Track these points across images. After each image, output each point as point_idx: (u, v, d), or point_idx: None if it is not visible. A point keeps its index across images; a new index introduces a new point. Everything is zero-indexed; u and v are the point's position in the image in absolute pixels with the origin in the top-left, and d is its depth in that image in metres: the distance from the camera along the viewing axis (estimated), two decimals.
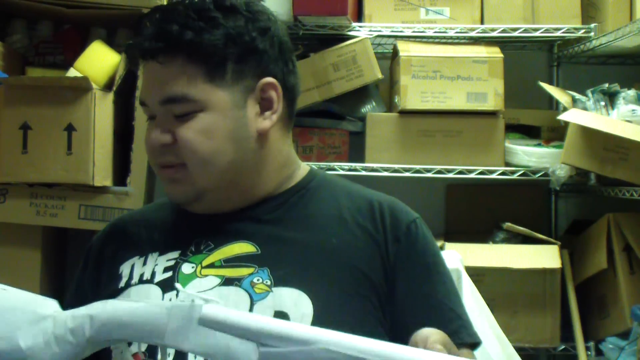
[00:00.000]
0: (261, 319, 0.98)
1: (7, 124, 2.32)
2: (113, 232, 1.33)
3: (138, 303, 1.00)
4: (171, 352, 1.15)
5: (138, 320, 1.00)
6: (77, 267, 1.34)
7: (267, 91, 1.22)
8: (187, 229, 1.26)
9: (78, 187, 2.34)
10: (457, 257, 1.82)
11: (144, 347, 1.16)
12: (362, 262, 1.20)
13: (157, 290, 1.18)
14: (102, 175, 2.36)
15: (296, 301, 1.16)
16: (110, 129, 2.39)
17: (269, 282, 1.16)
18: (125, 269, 1.24)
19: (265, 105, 1.22)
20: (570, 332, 2.47)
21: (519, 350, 2.05)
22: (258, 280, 1.16)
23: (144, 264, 1.23)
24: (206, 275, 1.18)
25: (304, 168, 1.32)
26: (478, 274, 2.31)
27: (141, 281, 1.21)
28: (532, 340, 2.46)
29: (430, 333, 0.93)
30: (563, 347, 2.49)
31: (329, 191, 1.29)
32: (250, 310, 1.16)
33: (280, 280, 1.16)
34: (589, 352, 2.44)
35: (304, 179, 1.30)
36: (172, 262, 1.21)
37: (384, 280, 1.19)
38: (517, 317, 2.44)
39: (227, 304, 1.17)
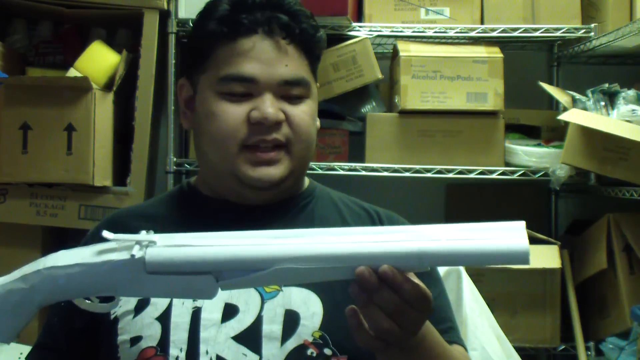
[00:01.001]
0: (208, 250, 0.95)
1: (7, 124, 2.32)
2: (111, 225, 1.29)
3: (74, 268, 0.97)
4: (183, 347, 1.15)
5: (81, 284, 0.98)
6: None
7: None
8: (193, 222, 1.25)
9: (78, 187, 2.34)
10: None
11: (155, 342, 1.16)
12: None
13: None
14: (102, 175, 2.36)
15: (306, 300, 1.17)
16: (110, 129, 2.39)
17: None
18: None
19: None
20: (570, 332, 2.47)
21: (519, 350, 2.05)
22: None
23: None
24: None
25: (305, 177, 1.36)
26: (478, 274, 2.30)
27: None
28: (532, 340, 2.46)
29: None
30: (563, 347, 2.49)
31: (328, 200, 1.33)
32: (261, 309, 1.16)
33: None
34: (589, 352, 2.44)
35: (310, 187, 1.34)
36: None
37: None
38: (517, 317, 2.44)
39: (238, 302, 1.17)
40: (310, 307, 1.17)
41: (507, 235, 0.92)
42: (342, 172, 2.52)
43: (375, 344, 0.98)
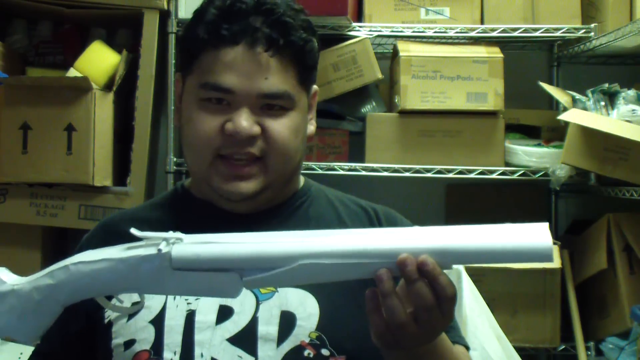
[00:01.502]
0: (235, 249, 0.96)
1: (7, 124, 2.32)
2: (105, 231, 1.31)
3: (101, 263, 0.98)
4: (177, 350, 1.14)
5: (106, 281, 0.98)
6: None
7: (314, 98, 1.29)
8: (182, 225, 1.24)
9: (78, 187, 2.35)
10: None
11: (148, 346, 1.16)
12: None
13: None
14: (102, 175, 2.36)
15: (302, 301, 1.16)
16: (110, 129, 2.39)
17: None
18: None
19: (309, 111, 1.28)
20: (570, 332, 2.47)
21: (519, 350, 2.05)
22: None
23: None
24: None
25: (300, 176, 1.34)
26: (478, 274, 2.30)
27: None
28: (532, 340, 2.46)
29: None
30: (563, 347, 2.49)
31: (324, 199, 1.32)
32: (256, 310, 1.16)
33: None
34: (589, 352, 2.44)
35: (305, 186, 1.33)
36: None
37: None
38: (517, 317, 2.44)
39: (233, 304, 1.16)
40: (306, 308, 1.16)
41: (530, 234, 0.93)
42: (342, 172, 2.52)
43: (385, 337, 0.97)
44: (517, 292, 2.45)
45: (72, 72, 2.37)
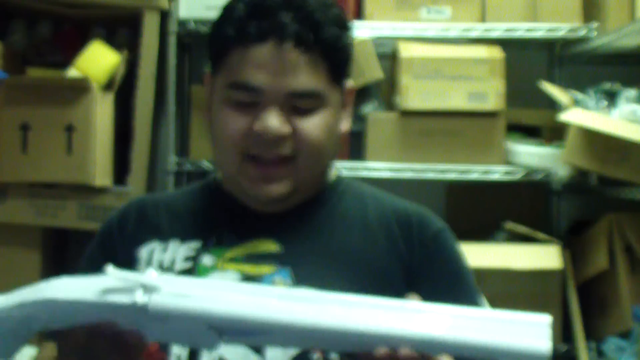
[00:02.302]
0: (214, 307, 0.93)
1: (7, 124, 2.32)
2: (132, 211, 1.28)
3: (75, 304, 0.96)
4: (183, 354, 1.14)
5: (80, 320, 0.97)
6: (89, 245, 1.29)
7: (350, 94, 1.26)
8: (210, 218, 1.24)
9: (78, 187, 2.34)
10: None
11: None
12: (384, 267, 1.19)
13: None
14: (102, 175, 2.36)
15: None
16: (110, 129, 2.39)
17: (289, 282, 1.15)
18: (144, 253, 1.21)
19: (343, 107, 1.25)
20: (572, 333, 2.46)
21: None
22: (279, 279, 1.15)
23: (165, 250, 1.21)
24: (227, 269, 1.17)
25: (333, 171, 1.31)
26: (479, 274, 2.29)
27: (161, 268, 1.18)
28: None
29: None
30: (564, 347, 2.49)
31: (355, 196, 1.28)
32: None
33: (301, 280, 1.15)
34: (590, 353, 2.44)
35: (335, 182, 1.29)
36: (193, 252, 1.20)
37: (405, 286, 1.17)
38: None
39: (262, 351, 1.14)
40: None
41: (529, 333, 0.90)
42: (342, 172, 2.51)
43: None
44: (518, 292, 2.44)
45: (72, 72, 2.37)
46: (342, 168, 2.52)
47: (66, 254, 2.69)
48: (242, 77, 1.15)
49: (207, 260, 1.19)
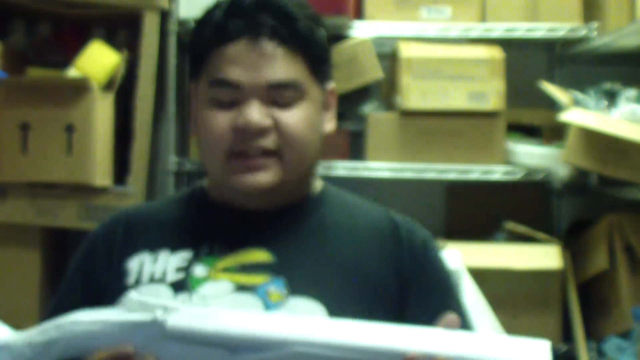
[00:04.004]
0: (229, 327, 0.97)
1: (7, 124, 2.32)
2: (119, 224, 1.28)
3: (94, 325, 1.00)
4: None
5: (99, 342, 1.00)
6: (71, 263, 1.29)
7: (331, 96, 1.27)
8: (199, 227, 1.23)
9: (78, 187, 2.34)
10: (458, 257, 1.82)
11: None
12: (376, 274, 1.19)
13: (167, 291, 1.16)
14: (102, 175, 2.36)
15: (311, 311, 1.14)
16: (110, 129, 2.39)
17: (284, 291, 1.15)
18: (133, 265, 1.21)
19: (326, 108, 1.26)
20: (572, 333, 2.46)
21: None
22: (273, 289, 1.15)
23: (155, 261, 1.20)
24: (220, 279, 1.16)
25: (318, 180, 1.31)
26: (479, 274, 2.30)
27: (152, 280, 1.18)
28: None
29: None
30: (564, 347, 2.49)
31: (343, 205, 1.29)
32: None
33: (295, 289, 1.15)
34: (590, 353, 2.44)
35: (323, 191, 1.29)
36: (184, 263, 1.19)
37: (397, 294, 1.18)
38: (518, 317, 2.44)
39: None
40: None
41: (529, 350, 0.94)
42: (342, 172, 2.52)
43: None
44: (519, 293, 2.44)
45: (72, 72, 2.36)
46: (342, 168, 2.52)
47: (66, 254, 2.69)
48: (220, 74, 1.17)
49: (199, 270, 1.18)
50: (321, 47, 1.22)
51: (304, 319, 0.98)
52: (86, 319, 1.01)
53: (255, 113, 1.15)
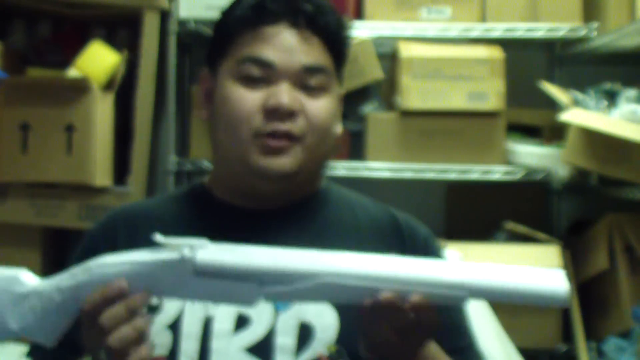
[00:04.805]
0: (258, 259, 0.98)
1: (7, 124, 2.32)
2: (118, 221, 1.27)
3: (122, 266, 1.00)
4: (194, 357, 1.13)
5: (129, 283, 1.00)
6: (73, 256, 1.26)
7: (340, 100, 1.27)
8: (202, 225, 1.22)
9: (78, 187, 2.34)
10: (458, 257, 1.82)
11: (165, 351, 1.14)
12: None
13: None
14: (102, 175, 2.36)
15: (321, 312, 1.14)
16: (110, 129, 2.39)
17: None
18: None
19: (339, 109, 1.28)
20: (572, 333, 2.46)
21: (520, 350, 2.04)
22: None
23: None
24: None
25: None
26: None
27: None
28: (534, 341, 2.45)
29: None
30: (564, 347, 2.49)
31: (345, 202, 1.29)
32: (274, 321, 1.15)
33: None
34: (590, 353, 2.44)
35: (325, 188, 1.30)
36: None
37: None
38: (518, 317, 2.44)
39: (251, 313, 1.15)
40: (325, 319, 1.14)
41: (547, 278, 0.96)
42: (342, 172, 2.52)
43: (375, 352, 1.01)
44: None
45: (72, 72, 2.37)
46: (342, 168, 2.52)
47: (66, 254, 2.69)
48: (255, 52, 1.18)
49: None
50: (347, 46, 1.25)
51: (330, 254, 0.99)
52: (114, 260, 1.01)
53: (287, 95, 1.16)
